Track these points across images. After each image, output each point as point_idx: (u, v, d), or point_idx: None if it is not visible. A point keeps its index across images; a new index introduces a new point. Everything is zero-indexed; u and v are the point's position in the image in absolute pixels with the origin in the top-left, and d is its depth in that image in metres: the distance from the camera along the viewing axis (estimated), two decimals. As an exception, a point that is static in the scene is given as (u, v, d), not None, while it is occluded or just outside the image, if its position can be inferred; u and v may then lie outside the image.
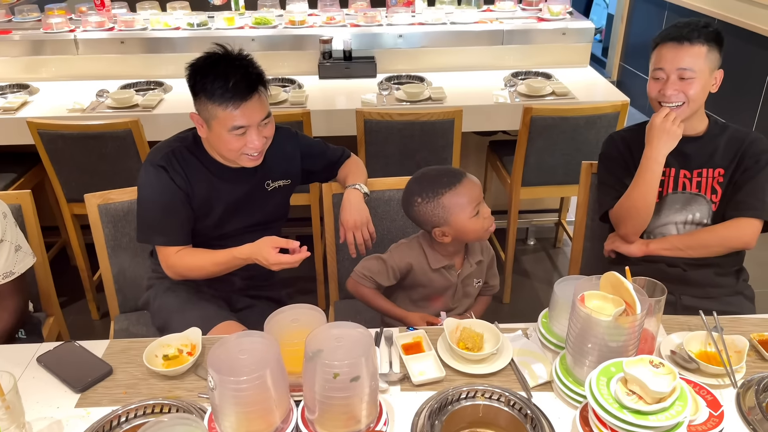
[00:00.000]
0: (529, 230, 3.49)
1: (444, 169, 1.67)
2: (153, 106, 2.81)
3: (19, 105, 2.82)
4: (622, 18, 5.43)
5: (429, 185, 1.62)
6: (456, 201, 1.59)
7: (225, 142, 1.60)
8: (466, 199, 1.59)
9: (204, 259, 1.69)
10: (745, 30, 3.89)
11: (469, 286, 1.76)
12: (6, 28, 3.30)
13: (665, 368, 1.10)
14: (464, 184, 1.60)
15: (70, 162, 2.58)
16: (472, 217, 1.60)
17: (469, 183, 1.61)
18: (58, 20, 3.22)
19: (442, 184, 1.60)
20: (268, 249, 1.56)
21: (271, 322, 1.21)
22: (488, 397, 1.28)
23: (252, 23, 3.30)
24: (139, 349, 1.41)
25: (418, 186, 1.64)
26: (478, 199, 1.61)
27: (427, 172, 1.67)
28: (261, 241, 1.59)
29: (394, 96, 2.90)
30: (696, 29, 1.65)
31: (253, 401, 1.05)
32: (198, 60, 1.59)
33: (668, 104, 1.70)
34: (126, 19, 3.27)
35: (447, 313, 1.71)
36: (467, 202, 1.59)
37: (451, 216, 1.59)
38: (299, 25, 3.27)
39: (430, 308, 1.74)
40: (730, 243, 1.76)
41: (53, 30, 3.20)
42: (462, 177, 1.61)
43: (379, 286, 1.73)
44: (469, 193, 1.59)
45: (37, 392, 1.32)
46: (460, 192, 1.59)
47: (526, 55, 3.30)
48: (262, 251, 1.57)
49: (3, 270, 1.62)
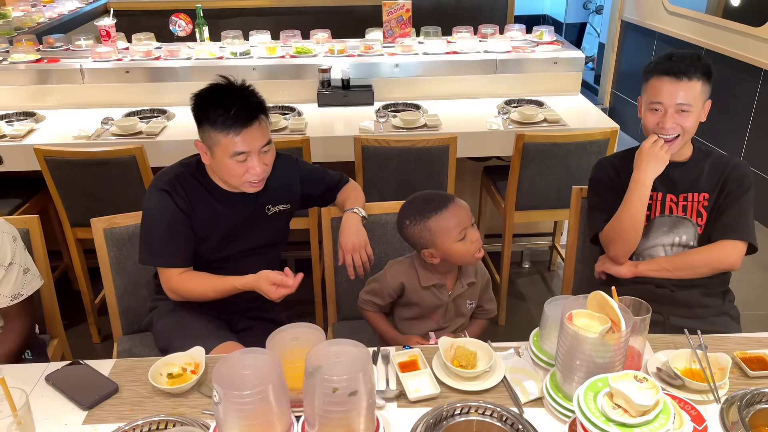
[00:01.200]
0: (523, 253, 3.55)
1: (434, 193, 1.72)
2: (156, 133, 2.88)
3: (26, 132, 2.89)
4: (613, 47, 5.57)
5: (417, 209, 1.69)
6: (442, 225, 1.65)
7: (227, 169, 1.67)
8: (452, 223, 1.65)
9: (205, 285, 1.76)
10: (732, 59, 4.01)
11: (462, 306, 1.82)
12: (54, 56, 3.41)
13: (649, 383, 1.15)
14: (450, 210, 1.66)
15: (75, 187, 2.64)
16: (459, 241, 1.66)
17: (456, 208, 1.67)
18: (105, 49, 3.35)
19: (430, 208, 1.66)
20: (267, 287, 1.65)
21: (273, 340, 1.26)
22: (482, 413, 1.33)
23: (293, 53, 3.41)
24: (144, 368, 1.46)
25: (408, 209, 1.71)
26: (465, 224, 1.67)
27: (418, 196, 1.73)
28: (259, 278, 1.66)
29: (390, 123, 2.98)
30: (692, 64, 1.71)
31: (256, 415, 1.09)
32: (202, 90, 1.68)
33: (665, 136, 1.77)
34: (171, 49, 3.39)
35: (437, 333, 1.76)
36: (453, 226, 1.65)
37: (438, 239, 1.66)
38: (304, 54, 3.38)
39: (422, 327, 1.79)
40: (716, 264, 1.83)
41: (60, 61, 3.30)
42: (449, 202, 1.67)
43: (381, 308, 1.79)
44: (455, 218, 1.65)
45: (46, 410, 1.36)
46: (446, 216, 1.65)
47: (519, 83, 3.40)
48: (261, 288, 1.66)
49: (12, 292, 1.67)
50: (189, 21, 3.66)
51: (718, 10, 4.29)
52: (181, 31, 3.67)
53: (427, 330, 1.78)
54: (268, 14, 5.34)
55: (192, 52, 3.43)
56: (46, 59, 3.34)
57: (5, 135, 2.86)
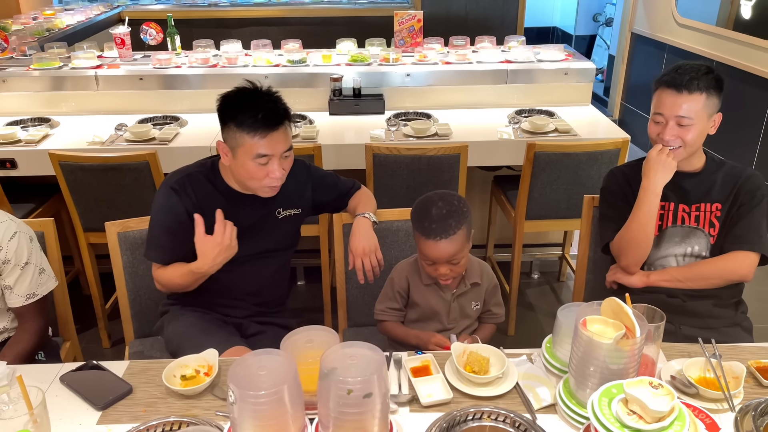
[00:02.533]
0: (533, 264, 3.54)
1: (440, 215, 1.65)
2: (169, 139, 2.91)
3: (41, 137, 2.92)
4: (623, 59, 5.58)
5: (418, 214, 1.70)
6: (421, 244, 1.69)
7: (248, 170, 1.69)
8: (426, 251, 1.68)
9: (173, 273, 1.79)
10: (743, 71, 4.01)
11: (467, 307, 1.82)
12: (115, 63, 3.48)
13: (664, 389, 1.15)
14: (430, 244, 1.65)
15: (89, 192, 2.67)
16: (428, 265, 1.71)
17: (435, 246, 1.64)
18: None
19: (423, 226, 1.66)
20: (202, 247, 1.68)
21: (287, 343, 1.27)
22: (494, 418, 1.33)
23: (349, 60, 3.45)
24: (157, 370, 1.47)
25: (417, 207, 1.73)
26: (437, 260, 1.67)
27: (429, 204, 1.69)
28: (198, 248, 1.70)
29: (401, 132, 3.00)
30: (696, 78, 1.71)
31: (271, 415, 1.10)
32: (230, 92, 1.71)
33: (666, 146, 1.78)
34: (230, 56, 3.44)
35: (444, 333, 1.77)
36: (426, 253, 1.68)
37: (417, 245, 1.72)
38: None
39: (427, 328, 1.80)
40: (728, 275, 1.82)
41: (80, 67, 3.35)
42: (436, 236, 1.63)
43: (399, 314, 1.80)
44: (431, 251, 1.66)
45: (61, 410, 1.37)
46: (425, 243, 1.67)
47: (530, 93, 3.42)
48: (199, 251, 1.69)
49: (27, 291, 1.69)
50: (159, 30, 3.72)
51: (729, 22, 4.29)
52: (152, 40, 3.72)
53: (433, 331, 1.78)
54: (279, 24, 5.39)
55: (249, 59, 3.47)
56: (106, 65, 3.40)
57: (20, 140, 2.89)
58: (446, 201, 1.68)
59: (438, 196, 1.71)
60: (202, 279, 1.77)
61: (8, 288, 1.68)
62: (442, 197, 1.70)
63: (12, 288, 1.68)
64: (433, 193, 1.74)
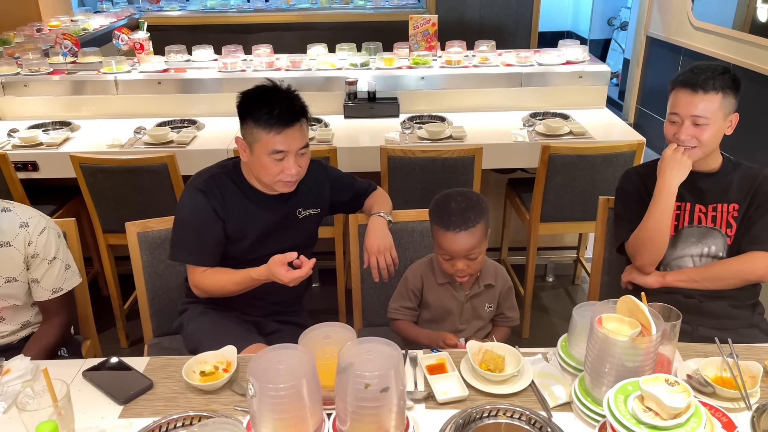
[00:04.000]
0: (548, 267, 3.54)
1: (460, 208, 1.68)
2: (187, 142, 2.95)
3: (62, 141, 2.98)
4: (638, 63, 5.56)
5: (437, 210, 1.72)
6: (439, 237, 1.70)
7: (264, 166, 1.72)
8: (444, 243, 1.68)
9: (225, 279, 1.81)
10: (761, 74, 3.98)
11: (480, 308, 1.83)
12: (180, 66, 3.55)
13: (680, 386, 1.15)
14: (449, 236, 1.66)
15: (108, 194, 2.71)
16: (445, 260, 1.71)
17: (455, 238, 1.65)
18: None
19: (442, 219, 1.68)
20: (278, 269, 1.66)
21: (305, 339, 1.29)
22: (510, 415, 1.34)
23: (410, 63, 3.49)
24: (177, 366, 1.50)
25: (436, 204, 1.74)
26: (455, 254, 1.68)
27: (449, 200, 1.71)
28: (270, 262, 1.69)
29: (416, 134, 3.01)
30: (712, 77, 1.71)
31: (290, 409, 1.12)
32: (249, 90, 1.75)
33: (681, 146, 1.78)
34: (294, 60, 3.50)
35: (458, 335, 1.78)
36: (444, 246, 1.69)
37: (435, 240, 1.73)
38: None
39: (439, 329, 1.81)
40: (745, 276, 1.82)
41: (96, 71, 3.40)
42: (456, 228, 1.65)
43: (412, 314, 1.81)
44: (448, 245, 1.67)
45: (83, 404, 1.40)
46: (443, 235, 1.67)
47: (544, 96, 3.42)
48: (273, 272, 1.68)
49: (53, 285, 1.73)
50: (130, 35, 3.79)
51: (746, 25, 4.27)
52: (124, 45, 3.77)
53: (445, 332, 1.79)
54: (297, 29, 5.44)
55: (313, 63, 3.52)
56: (172, 69, 3.48)
57: (42, 143, 2.95)
58: (465, 196, 1.71)
59: (457, 192, 1.74)
60: (257, 285, 1.79)
61: (35, 281, 1.73)
62: (461, 193, 1.73)
63: (39, 282, 1.72)
64: (452, 189, 1.77)
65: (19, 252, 1.69)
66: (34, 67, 3.41)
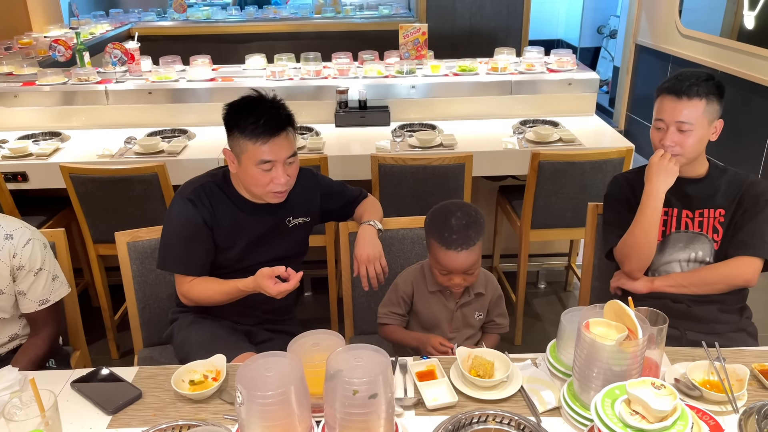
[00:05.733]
0: (539, 273, 3.55)
1: (460, 225, 1.67)
2: (178, 152, 2.95)
3: (52, 151, 2.97)
4: (628, 70, 5.61)
5: (436, 222, 1.71)
6: (436, 252, 1.70)
7: (252, 177, 1.72)
8: (443, 260, 1.69)
9: (213, 289, 1.81)
10: (747, 81, 4.03)
11: (470, 316, 1.83)
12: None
13: (666, 389, 1.16)
14: (450, 254, 1.66)
15: (99, 204, 2.71)
16: (442, 275, 1.72)
17: (455, 257, 1.66)
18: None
19: (442, 236, 1.67)
20: (265, 282, 1.66)
21: (294, 346, 1.29)
22: (499, 421, 1.34)
23: (457, 70, 3.51)
24: (166, 375, 1.49)
25: (433, 215, 1.74)
26: (454, 270, 1.69)
27: (448, 214, 1.70)
28: (258, 274, 1.69)
29: (407, 142, 3.03)
30: (695, 84, 1.74)
31: (278, 416, 1.12)
32: (235, 101, 1.75)
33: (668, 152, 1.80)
34: (342, 67, 3.49)
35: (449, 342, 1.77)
36: (443, 263, 1.69)
37: (431, 253, 1.73)
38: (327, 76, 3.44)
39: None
40: (732, 280, 1.83)
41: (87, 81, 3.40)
42: (457, 246, 1.65)
43: (401, 319, 1.81)
44: (448, 262, 1.68)
45: (72, 414, 1.39)
46: (443, 253, 1.67)
47: (534, 104, 3.44)
48: (261, 285, 1.68)
49: (40, 297, 1.72)
50: (68, 47, 3.79)
51: (733, 33, 4.32)
52: (61, 57, 3.77)
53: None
54: (287, 39, 5.47)
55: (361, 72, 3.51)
56: (220, 78, 3.49)
57: (31, 153, 2.94)
58: (465, 212, 1.70)
59: (456, 206, 1.73)
60: (245, 295, 1.79)
61: (22, 293, 1.72)
62: (460, 207, 1.72)
63: (25, 293, 1.72)
64: (450, 202, 1.76)
65: (5, 264, 1.68)
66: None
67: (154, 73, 3.50)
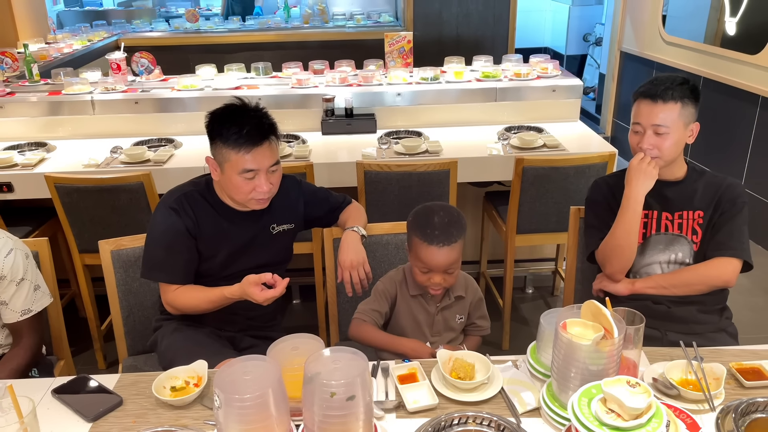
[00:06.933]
0: (527, 279, 3.57)
1: (443, 222, 1.69)
2: (164, 161, 2.96)
3: (37, 161, 2.97)
4: (613, 77, 5.66)
5: (419, 221, 1.73)
6: (418, 249, 1.71)
7: (235, 185, 1.73)
8: (424, 256, 1.69)
9: (198, 297, 1.81)
10: (730, 86, 4.08)
11: (451, 320, 1.84)
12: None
13: (641, 387, 1.17)
14: (431, 250, 1.67)
15: (84, 214, 2.70)
16: (422, 272, 1.73)
17: (435, 252, 1.67)
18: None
19: (425, 232, 1.69)
20: (252, 288, 1.67)
21: (273, 350, 1.30)
22: (479, 422, 1.35)
23: (480, 76, 3.55)
24: (147, 382, 1.49)
25: (416, 214, 1.75)
26: (434, 267, 1.70)
27: (430, 213, 1.73)
28: (244, 281, 1.70)
29: (393, 149, 3.04)
30: (671, 88, 1.77)
31: (256, 419, 1.12)
32: (217, 109, 1.76)
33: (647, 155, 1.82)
34: (366, 75, 3.50)
35: (431, 345, 1.78)
36: (424, 260, 1.70)
37: (412, 252, 1.74)
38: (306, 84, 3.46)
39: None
40: (712, 281, 1.85)
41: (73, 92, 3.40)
42: (438, 242, 1.67)
43: (380, 318, 1.82)
44: (429, 258, 1.69)
45: (52, 422, 1.39)
46: (424, 249, 1.68)
47: (519, 111, 3.47)
48: (247, 291, 1.68)
49: (22, 307, 1.72)
50: (15, 59, 3.82)
51: (716, 39, 4.37)
52: (9, 69, 3.80)
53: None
54: (273, 48, 5.49)
55: (385, 79, 3.53)
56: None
57: (17, 164, 2.94)
58: (447, 211, 1.74)
59: (438, 206, 1.76)
60: (231, 302, 1.79)
61: (3, 303, 1.71)
62: (442, 207, 1.75)
63: (7, 303, 1.71)
64: (433, 203, 1.79)
65: None
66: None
67: (179, 81, 3.53)
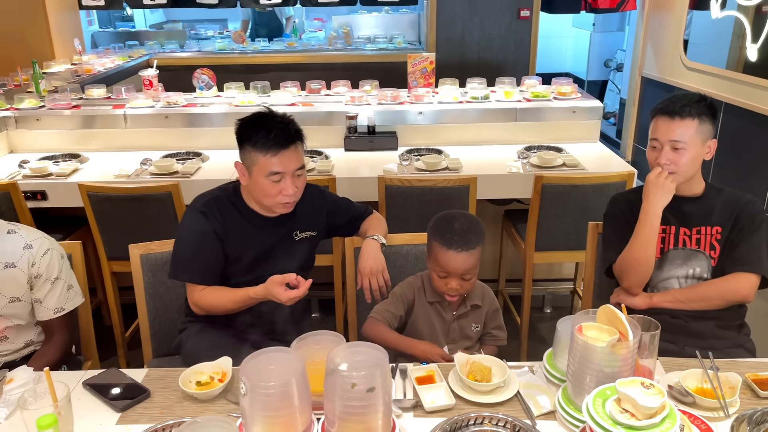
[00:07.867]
0: (545, 298, 3.57)
1: (462, 228, 1.75)
2: (191, 173, 3.05)
3: (71, 171, 3.08)
4: (634, 102, 5.69)
5: (439, 226, 1.79)
6: (437, 253, 1.75)
7: (262, 188, 1.80)
8: (443, 260, 1.74)
9: (223, 297, 1.88)
10: (752, 112, 4.08)
11: (467, 328, 1.88)
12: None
13: (655, 388, 1.20)
14: (450, 254, 1.73)
15: (114, 222, 2.80)
16: (440, 278, 1.77)
17: (456, 257, 1.72)
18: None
19: (444, 237, 1.74)
20: (276, 288, 1.73)
21: (297, 345, 1.34)
22: (495, 423, 1.38)
23: (530, 96, 3.63)
24: (174, 377, 1.55)
25: (438, 220, 1.81)
26: (452, 272, 1.74)
27: (451, 220, 1.79)
28: (269, 281, 1.76)
29: (413, 166, 3.11)
30: (688, 105, 1.82)
31: (279, 407, 1.17)
32: (247, 116, 1.85)
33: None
34: (419, 94, 3.60)
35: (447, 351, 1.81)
36: (442, 264, 1.75)
37: (431, 256, 1.79)
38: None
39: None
40: (729, 296, 1.86)
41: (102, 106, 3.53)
42: (458, 247, 1.72)
43: (394, 319, 1.86)
44: (448, 262, 1.74)
45: (83, 410, 1.45)
46: (444, 253, 1.74)
47: (539, 131, 3.52)
48: (271, 291, 1.74)
49: (55, 305, 1.79)
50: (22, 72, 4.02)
51: (738, 65, 4.39)
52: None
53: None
54: (298, 69, 5.62)
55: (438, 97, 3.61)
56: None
57: (51, 173, 3.05)
58: (467, 218, 1.80)
59: (459, 213, 1.83)
60: (255, 303, 1.85)
61: (38, 301, 1.79)
62: (463, 215, 1.82)
63: (41, 301, 1.79)
64: (454, 210, 1.85)
65: (23, 273, 1.75)
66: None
67: (238, 97, 3.67)
